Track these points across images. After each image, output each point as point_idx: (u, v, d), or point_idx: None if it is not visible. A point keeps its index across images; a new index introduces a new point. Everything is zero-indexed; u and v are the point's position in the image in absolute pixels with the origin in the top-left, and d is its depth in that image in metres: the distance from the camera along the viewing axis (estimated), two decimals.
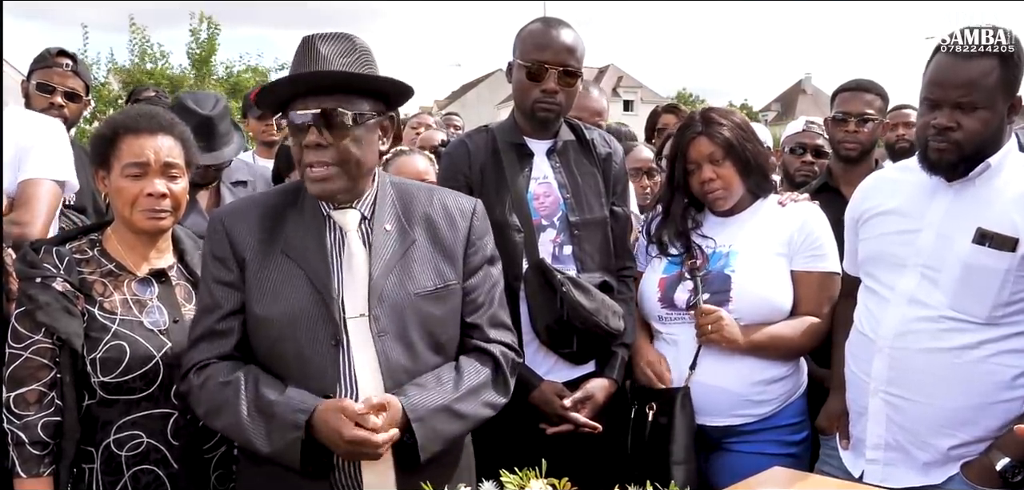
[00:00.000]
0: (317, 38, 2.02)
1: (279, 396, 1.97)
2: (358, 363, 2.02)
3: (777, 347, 2.70)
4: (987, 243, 2.27)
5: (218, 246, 2.10)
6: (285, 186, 2.22)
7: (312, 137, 1.98)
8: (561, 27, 2.72)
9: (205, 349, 2.08)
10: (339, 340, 2.02)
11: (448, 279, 2.13)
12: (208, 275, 2.12)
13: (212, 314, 2.09)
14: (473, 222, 2.21)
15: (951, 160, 2.30)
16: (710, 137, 2.75)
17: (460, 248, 2.17)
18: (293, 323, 2.02)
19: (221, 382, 2.02)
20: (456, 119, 7.21)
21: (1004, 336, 2.28)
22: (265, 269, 2.06)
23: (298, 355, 2.02)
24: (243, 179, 3.74)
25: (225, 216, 2.14)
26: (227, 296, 2.08)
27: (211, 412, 2.03)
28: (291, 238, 2.08)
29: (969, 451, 2.32)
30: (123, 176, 2.28)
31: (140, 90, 5.29)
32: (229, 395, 2.00)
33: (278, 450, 1.94)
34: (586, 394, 2.71)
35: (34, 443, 2.17)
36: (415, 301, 2.07)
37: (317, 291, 2.03)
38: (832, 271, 2.77)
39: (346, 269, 2.06)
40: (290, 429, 1.93)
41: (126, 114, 2.42)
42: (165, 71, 21.61)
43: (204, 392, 2.03)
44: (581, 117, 3.38)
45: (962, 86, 2.24)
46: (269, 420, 1.96)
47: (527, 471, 1.72)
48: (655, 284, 2.83)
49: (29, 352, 2.20)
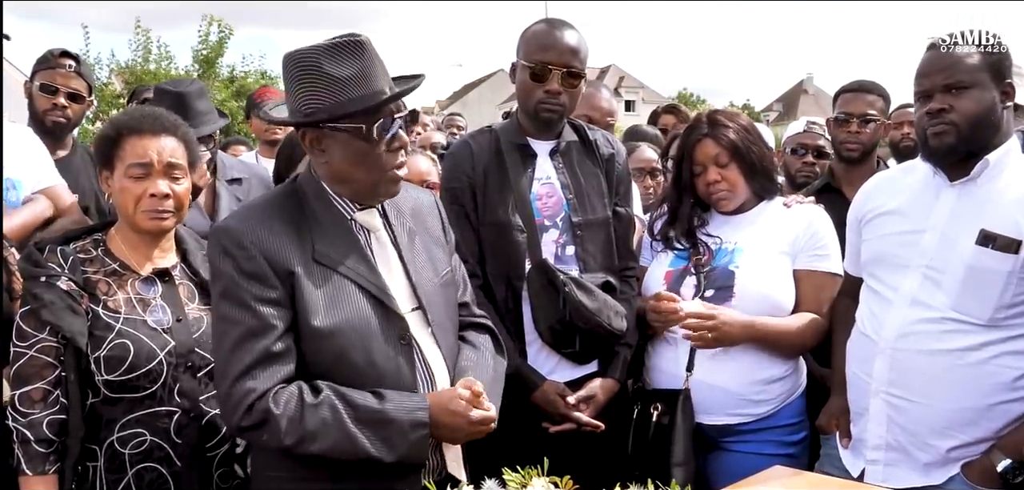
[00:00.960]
0: (366, 41, 1.99)
1: (384, 403, 1.95)
2: (427, 356, 2.08)
3: (777, 340, 2.70)
4: (991, 245, 2.27)
5: (251, 263, 1.94)
6: (281, 191, 2.16)
7: (405, 138, 2.03)
8: (565, 28, 2.73)
9: (266, 376, 1.92)
10: (407, 338, 2.04)
11: (447, 265, 2.23)
12: (244, 295, 1.94)
13: (265, 336, 1.93)
14: (439, 209, 2.32)
15: (951, 142, 2.30)
16: (716, 139, 2.77)
17: (442, 235, 2.27)
18: (359, 330, 1.98)
19: (311, 405, 1.91)
20: (459, 120, 7.22)
21: (1006, 338, 2.28)
22: (311, 280, 1.98)
23: (369, 361, 1.99)
24: (238, 176, 3.72)
25: (245, 230, 1.97)
26: (277, 315, 1.94)
27: (307, 438, 1.91)
28: (320, 245, 2.01)
29: (970, 452, 2.32)
30: (127, 176, 2.29)
31: (141, 90, 5.29)
32: (326, 415, 1.91)
33: (404, 453, 1.94)
34: (588, 394, 2.72)
35: (39, 441, 2.18)
36: (440, 289, 2.16)
37: (372, 295, 2.01)
38: (834, 272, 2.78)
39: (384, 268, 2.07)
40: (412, 429, 1.94)
41: (129, 115, 2.43)
42: (169, 72, 21.60)
43: (290, 421, 1.90)
44: (591, 117, 3.40)
45: (945, 70, 2.31)
46: (385, 427, 1.93)
47: (529, 469, 1.73)
48: (661, 276, 2.84)
49: (34, 350, 2.21)
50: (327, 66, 1.94)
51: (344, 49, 1.96)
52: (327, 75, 1.94)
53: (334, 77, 1.94)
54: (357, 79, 1.95)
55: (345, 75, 1.94)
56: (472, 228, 2.72)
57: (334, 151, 2.00)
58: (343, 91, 1.94)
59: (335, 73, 1.94)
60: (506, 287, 2.71)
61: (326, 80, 1.94)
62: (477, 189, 2.72)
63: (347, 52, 1.96)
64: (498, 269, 2.71)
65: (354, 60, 1.95)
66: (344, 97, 1.94)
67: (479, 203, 2.72)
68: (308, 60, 1.96)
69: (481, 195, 2.72)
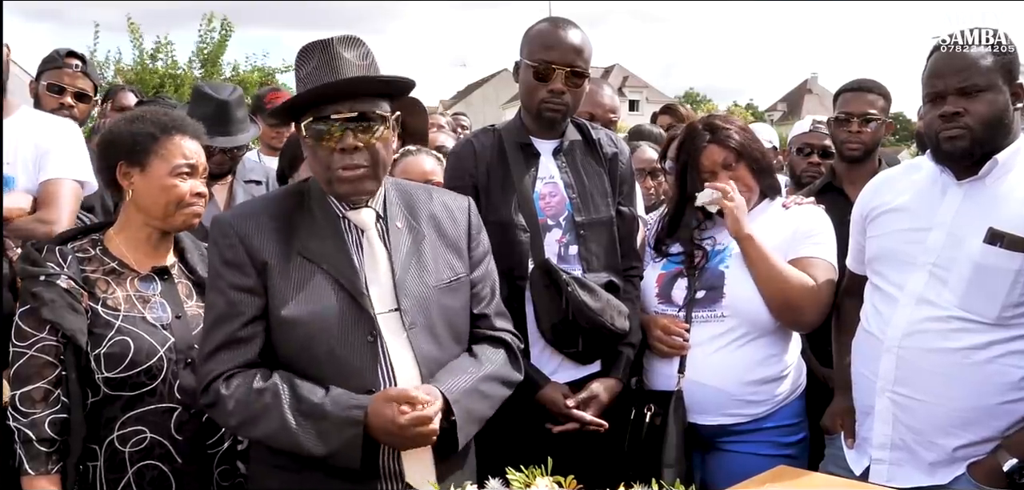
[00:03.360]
0: (336, 42, 2.02)
1: (325, 397, 1.95)
2: (394, 357, 2.05)
3: (767, 267, 2.65)
4: (999, 243, 2.26)
5: (231, 252, 2.03)
6: (285, 189, 2.21)
7: (349, 140, 1.99)
8: (569, 27, 2.72)
9: (227, 358, 2.01)
10: (375, 335, 2.04)
11: (458, 272, 2.19)
12: (222, 282, 2.04)
13: (232, 321, 2.02)
14: (470, 217, 2.28)
15: (965, 146, 2.29)
16: (720, 144, 2.77)
17: (464, 242, 2.23)
18: (325, 323, 2.01)
19: (256, 389, 1.97)
20: (463, 119, 7.22)
21: (1013, 337, 2.27)
22: (286, 272, 2.03)
23: (332, 354, 2.01)
24: (258, 178, 3.76)
25: (233, 221, 2.08)
26: (247, 302, 2.02)
27: (247, 422, 1.97)
28: (307, 240, 2.06)
29: (976, 451, 2.31)
30: (173, 175, 2.32)
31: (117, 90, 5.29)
32: (268, 401, 1.95)
33: (335, 450, 1.93)
34: (591, 394, 2.71)
35: (41, 440, 2.18)
36: (435, 294, 2.12)
37: (345, 290, 2.03)
38: (826, 258, 2.75)
39: (369, 266, 2.08)
40: (346, 426, 1.93)
41: (168, 115, 2.44)
42: (171, 70, 21.57)
43: (236, 402, 1.97)
44: (593, 114, 3.39)
45: (960, 72, 2.28)
46: (320, 421, 1.93)
47: (533, 469, 1.73)
48: (654, 280, 2.86)
49: (34, 350, 2.21)
50: (299, 67, 2.02)
51: (311, 49, 2.02)
52: (298, 75, 2.02)
53: (299, 77, 2.02)
54: (309, 78, 2.01)
55: (304, 74, 2.02)
56: None
57: (305, 150, 2.09)
58: (299, 90, 2.02)
59: (298, 73, 2.02)
60: (509, 287, 2.70)
61: (298, 80, 2.03)
62: (480, 188, 2.71)
63: (312, 52, 2.02)
64: (501, 269, 2.69)
65: (313, 59, 2.01)
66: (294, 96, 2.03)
67: (482, 202, 2.71)
68: (298, 61, 2.04)
69: (484, 194, 2.72)
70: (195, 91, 3.65)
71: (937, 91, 2.32)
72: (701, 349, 2.71)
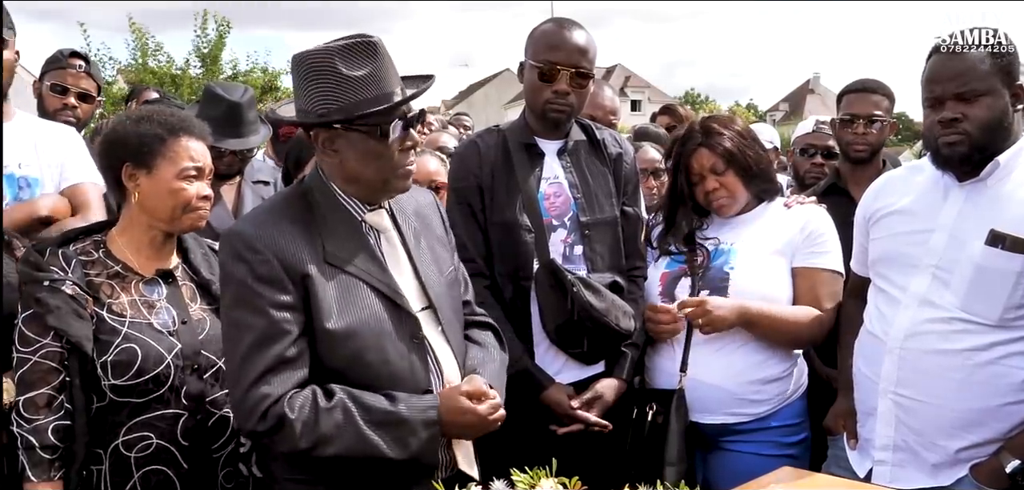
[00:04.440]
0: (378, 42, 2.01)
1: (395, 404, 1.97)
2: (438, 354, 2.10)
3: (772, 326, 2.70)
4: (1000, 245, 2.26)
5: (266, 267, 1.94)
6: (290, 192, 2.17)
7: (417, 138, 2.05)
8: (574, 28, 2.72)
9: (281, 382, 1.93)
10: (420, 337, 2.06)
11: (452, 263, 2.27)
12: (260, 301, 1.94)
13: (280, 341, 1.94)
14: (440, 209, 2.35)
15: (964, 151, 2.29)
16: (711, 148, 2.78)
17: (445, 234, 2.30)
18: (374, 331, 2.00)
19: (325, 409, 1.93)
20: (466, 119, 7.22)
21: (1015, 339, 2.27)
22: (324, 282, 1.98)
23: (384, 361, 2.01)
24: (266, 179, 3.76)
25: (259, 234, 1.98)
26: (291, 319, 1.95)
27: (321, 441, 1.93)
28: (331, 246, 2.02)
29: (979, 453, 2.32)
30: (181, 178, 2.29)
31: (141, 90, 5.29)
32: (339, 419, 1.93)
33: (416, 452, 1.97)
34: (595, 394, 2.72)
35: (44, 447, 2.15)
36: (446, 287, 2.18)
37: (384, 295, 2.03)
38: (833, 268, 2.77)
39: (393, 268, 2.09)
40: (423, 428, 1.97)
41: (174, 115, 2.39)
42: (168, 70, 21.55)
43: (304, 425, 1.92)
44: (594, 115, 3.39)
45: (958, 77, 2.27)
46: (398, 427, 1.95)
47: (538, 470, 1.74)
48: (657, 279, 2.86)
49: (37, 356, 2.17)
50: (341, 66, 1.95)
51: (357, 50, 1.97)
52: (341, 75, 1.95)
53: (348, 77, 1.95)
54: (371, 79, 1.96)
55: (359, 75, 1.96)
56: (479, 228, 2.73)
57: (347, 151, 2.01)
58: (358, 91, 1.95)
59: (349, 73, 1.95)
60: (514, 287, 2.71)
61: (340, 80, 1.95)
62: (485, 189, 2.72)
63: (360, 53, 1.97)
64: (506, 269, 2.71)
65: (367, 60, 1.97)
66: (359, 97, 1.95)
67: (487, 203, 2.72)
68: (321, 61, 1.97)
69: (489, 195, 2.72)
70: (206, 91, 3.62)
71: (935, 96, 2.32)
72: (703, 348, 2.71)
